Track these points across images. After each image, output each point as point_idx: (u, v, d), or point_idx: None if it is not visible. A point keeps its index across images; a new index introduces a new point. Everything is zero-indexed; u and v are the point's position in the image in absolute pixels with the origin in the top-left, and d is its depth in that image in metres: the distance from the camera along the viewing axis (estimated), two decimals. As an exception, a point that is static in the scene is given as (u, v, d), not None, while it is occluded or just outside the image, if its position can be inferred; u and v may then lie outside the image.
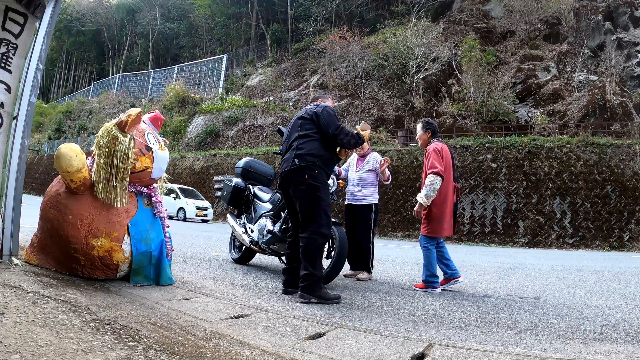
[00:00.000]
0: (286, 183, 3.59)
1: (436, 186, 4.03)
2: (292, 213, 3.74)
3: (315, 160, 3.49)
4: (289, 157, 3.57)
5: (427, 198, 4.06)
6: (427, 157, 4.19)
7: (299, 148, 3.55)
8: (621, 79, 16.93)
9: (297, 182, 3.48)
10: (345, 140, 3.61)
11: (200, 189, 20.38)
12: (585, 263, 7.65)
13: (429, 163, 4.13)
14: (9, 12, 2.93)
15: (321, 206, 3.44)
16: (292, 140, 3.65)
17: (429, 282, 4.15)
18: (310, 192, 3.46)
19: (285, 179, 3.59)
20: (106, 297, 2.70)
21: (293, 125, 3.75)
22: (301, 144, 3.56)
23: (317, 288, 3.31)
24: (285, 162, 3.61)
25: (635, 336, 2.58)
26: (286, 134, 3.80)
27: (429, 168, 4.11)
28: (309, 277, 3.33)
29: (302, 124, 3.67)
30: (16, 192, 2.97)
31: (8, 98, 2.98)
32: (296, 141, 3.59)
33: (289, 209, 3.77)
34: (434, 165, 4.09)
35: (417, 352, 2.12)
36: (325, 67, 25.44)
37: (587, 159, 13.06)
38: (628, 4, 19.13)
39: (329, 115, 3.63)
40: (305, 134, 3.59)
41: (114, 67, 49.69)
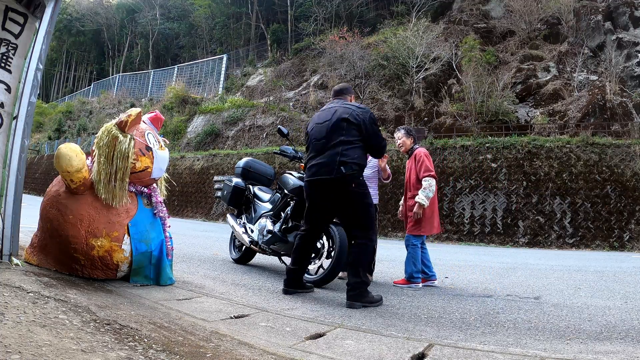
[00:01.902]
0: (326, 191, 3.38)
1: (433, 188, 4.35)
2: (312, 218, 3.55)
3: (359, 169, 3.42)
4: (330, 163, 3.34)
5: (427, 199, 4.31)
6: (419, 161, 4.45)
7: (344, 155, 3.34)
8: (621, 79, 16.92)
9: (344, 192, 3.34)
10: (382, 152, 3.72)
11: (200, 189, 20.37)
12: (585, 263, 7.65)
13: (422, 167, 4.40)
14: (9, 12, 2.93)
15: (371, 213, 3.46)
16: (334, 143, 3.38)
17: (413, 277, 4.35)
18: (361, 200, 3.40)
19: (325, 186, 3.37)
20: (106, 297, 2.69)
21: (334, 127, 3.42)
22: (346, 150, 3.36)
23: (367, 294, 3.28)
24: (324, 167, 3.36)
25: (635, 336, 2.58)
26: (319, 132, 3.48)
27: (424, 171, 4.38)
28: (361, 285, 3.25)
29: (347, 128, 3.41)
30: (16, 192, 2.98)
31: (8, 98, 2.98)
32: (340, 146, 3.36)
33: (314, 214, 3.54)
34: (428, 168, 4.40)
35: (417, 352, 2.12)
36: (325, 67, 25.42)
37: (587, 159, 13.06)
38: (628, 4, 19.12)
39: (376, 124, 3.53)
40: (350, 140, 3.38)
41: (114, 67, 49.66)
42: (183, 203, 20.63)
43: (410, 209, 4.44)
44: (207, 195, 19.70)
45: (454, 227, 13.51)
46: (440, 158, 14.64)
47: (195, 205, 20.21)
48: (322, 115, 3.61)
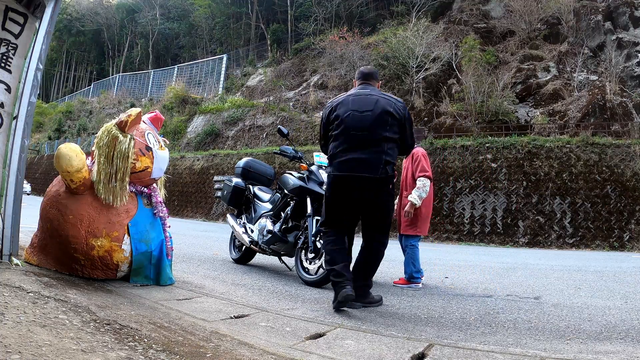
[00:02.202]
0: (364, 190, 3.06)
1: (427, 188, 4.35)
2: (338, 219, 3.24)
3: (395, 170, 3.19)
4: (374, 160, 3.03)
5: (420, 199, 4.32)
6: (416, 161, 4.44)
7: (388, 153, 3.08)
8: (621, 79, 16.92)
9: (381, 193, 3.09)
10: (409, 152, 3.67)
11: (200, 189, 20.38)
12: (585, 263, 7.65)
13: (419, 166, 4.41)
14: (9, 12, 2.93)
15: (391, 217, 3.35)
16: (379, 138, 3.06)
17: (413, 277, 4.36)
18: (390, 202, 3.26)
19: (365, 185, 3.04)
20: (106, 297, 2.69)
21: (379, 120, 3.07)
22: (390, 148, 3.10)
23: (368, 294, 3.24)
24: (366, 164, 3.03)
25: (635, 336, 2.58)
26: (360, 122, 3.06)
27: (420, 171, 4.39)
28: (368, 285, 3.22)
29: (390, 123, 3.10)
30: (16, 192, 2.98)
31: (8, 98, 2.98)
32: (385, 143, 3.07)
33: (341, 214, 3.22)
34: (424, 169, 4.40)
35: (417, 352, 2.12)
36: (325, 67, 25.42)
37: (587, 159, 13.06)
38: (628, 4, 19.12)
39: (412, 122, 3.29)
40: (393, 137, 3.11)
41: (114, 67, 49.67)
42: (183, 203, 20.64)
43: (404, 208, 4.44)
44: (207, 195, 19.70)
45: (454, 227, 13.51)
46: (440, 158, 14.64)
47: (195, 205, 20.22)
48: (358, 102, 3.14)
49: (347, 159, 3.06)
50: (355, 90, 3.30)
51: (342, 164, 3.09)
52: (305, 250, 4.25)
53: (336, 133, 3.13)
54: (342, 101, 3.20)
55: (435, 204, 13.52)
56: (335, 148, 3.14)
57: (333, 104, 3.26)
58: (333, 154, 3.16)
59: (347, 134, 3.09)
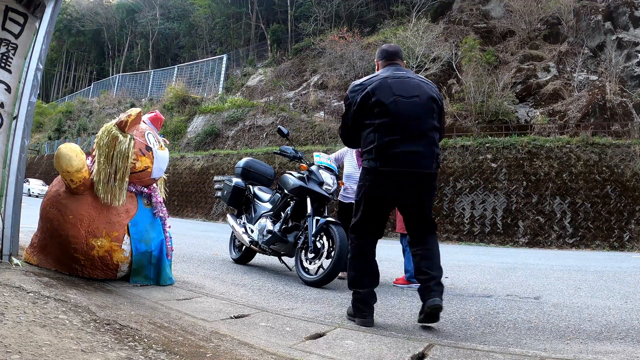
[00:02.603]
0: (417, 187, 2.69)
1: None
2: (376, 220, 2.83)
3: None
4: (428, 153, 2.67)
5: None
6: None
7: (437, 145, 2.77)
8: (621, 79, 16.93)
9: (433, 188, 2.79)
10: None
11: (200, 189, 20.38)
12: (585, 263, 7.65)
13: None
14: (9, 12, 2.94)
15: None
16: (429, 128, 2.71)
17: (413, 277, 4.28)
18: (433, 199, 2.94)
19: (419, 181, 2.68)
20: (106, 297, 2.69)
21: (427, 107, 2.73)
22: (438, 139, 2.79)
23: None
24: (422, 158, 2.65)
25: (635, 336, 2.58)
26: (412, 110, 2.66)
27: None
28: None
29: (436, 110, 2.78)
30: (16, 192, 2.98)
31: (8, 98, 2.98)
32: (434, 134, 2.74)
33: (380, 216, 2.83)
34: None
35: (417, 352, 2.12)
36: (325, 67, 25.44)
37: (587, 159, 13.06)
38: (628, 4, 19.12)
39: None
40: (438, 127, 2.78)
41: (114, 67, 49.70)
42: (183, 203, 20.64)
43: None
44: (207, 195, 19.70)
45: (454, 227, 13.51)
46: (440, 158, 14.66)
47: (195, 205, 20.22)
48: (401, 86, 2.72)
49: (400, 152, 2.61)
50: (388, 71, 2.81)
51: (394, 158, 2.62)
52: (305, 250, 4.25)
53: (381, 122, 2.64)
54: (380, 85, 2.70)
55: (435, 204, 13.52)
56: (382, 139, 2.63)
57: (367, 87, 2.72)
58: (379, 145, 2.63)
59: (396, 124, 2.63)
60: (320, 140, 19.86)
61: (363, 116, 2.75)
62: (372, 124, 2.69)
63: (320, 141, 19.64)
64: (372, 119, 2.69)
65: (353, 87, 2.82)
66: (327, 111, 22.41)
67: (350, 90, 2.82)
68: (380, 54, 3.05)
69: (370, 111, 2.70)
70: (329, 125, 20.59)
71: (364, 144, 2.77)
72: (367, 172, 2.76)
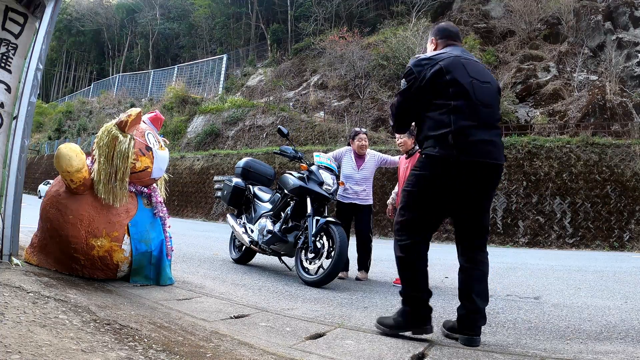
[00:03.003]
0: (489, 180, 2.40)
1: None
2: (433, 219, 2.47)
3: None
4: (500, 144, 2.41)
5: None
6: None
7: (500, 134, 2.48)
8: (621, 79, 16.93)
9: (498, 183, 2.50)
10: None
11: (200, 189, 20.37)
12: (585, 263, 7.65)
13: None
14: (9, 12, 2.94)
15: None
16: (497, 118, 2.47)
17: None
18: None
19: (491, 175, 2.39)
20: (106, 297, 2.69)
21: (496, 94, 2.50)
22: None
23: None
24: (497, 148, 2.38)
25: (635, 336, 2.58)
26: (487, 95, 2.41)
27: None
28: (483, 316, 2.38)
29: (499, 101, 2.55)
30: (16, 192, 2.98)
31: (8, 98, 2.98)
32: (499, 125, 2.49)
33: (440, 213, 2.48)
34: None
35: (417, 352, 2.12)
36: (325, 67, 25.44)
37: (587, 159, 13.06)
38: (628, 4, 19.12)
39: None
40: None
41: (114, 67, 49.71)
42: (183, 203, 20.64)
43: None
44: (207, 195, 19.70)
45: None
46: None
47: (195, 205, 20.22)
48: (474, 68, 2.44)
49: (477, 141, 2.31)
50: (456, 50, 2.50)
51: (473, 147, 2.30)
52: (305, 250, 4.25)
53: (457, 104, 2.32)
54: (453, 62, 2.38)
55: (435, 204, 13.52)
56: (459, 123, 2.29)
57: (438, 63, 2.37)
58: (457, 131, 2.28)
59: (474, 107, 2.34)
60: (320, 140, 19.86)
61: (432, 95, 2.37)
62: (446, 105, 2.33)
63: (320, 141, 19.64)
64: (446, 100, 2.33)
65: (418, 60, 2.43)
66: (327, 111, 22.41)
67: (415, 64, 2.42)
68: (440, 32, 2.68)
69: (443, 90, 2.35)
70: (329, 125, 20.59)
71: (431, 127, 2.37)
72: (434, 161, 2.34)
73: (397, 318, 2.40)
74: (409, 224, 2.43)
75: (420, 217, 2.41)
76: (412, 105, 2.48)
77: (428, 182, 2.37)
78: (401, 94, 2.51)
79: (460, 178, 2.31)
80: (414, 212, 2.42)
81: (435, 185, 2.35)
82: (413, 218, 2.42)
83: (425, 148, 2.40)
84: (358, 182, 4.86)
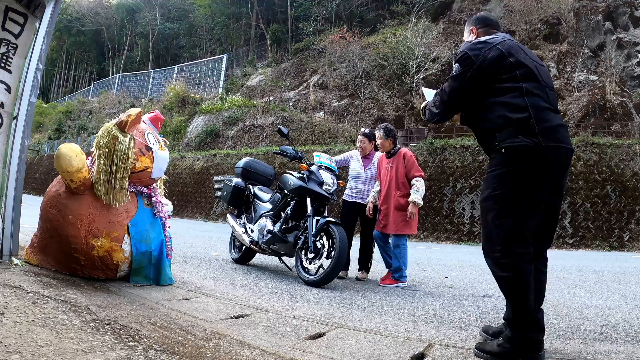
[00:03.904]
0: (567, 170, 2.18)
1: (424, 188, 4.47)
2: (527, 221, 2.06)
3: None
4: (565, 124, 2.20)
5: (421, 199, 4.39)
6: (409, 161, 4.52)
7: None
8: (621, 79, 16.93)
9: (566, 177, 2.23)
10: None
11: (200, 189, 20.36)
12: (585, 263, 7.65)
13: (413, 166, 4.49)
14: (9, 12, 2.94)
15: None
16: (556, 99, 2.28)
17: (402, 276, 4.41)
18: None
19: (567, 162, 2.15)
20: (106, 297, 2.69)
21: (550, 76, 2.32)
22: None
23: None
24: (566, 131, 2.17)
25: (635, 336, 2.58)
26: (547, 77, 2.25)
27: (416, 171, 4.47)
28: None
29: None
30: (16, 192, 2.98)
31: (8, 98, 2.98)
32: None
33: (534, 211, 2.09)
34: (419, 169, 4.50)
35: (417, 352, 2.12)
36: (325, 67, 25.43)
37: (587, 159, 13.06)
38: (628, 4, 19.12)
39: None
40: None
41: (114, 67, 49.69)
42: (183, 203, 20.63)
43: (398, 208, 4.40)
44: (207, 195, 19.69)
45: (454, 227, 13.50)
46: (440, 158, 14.64)
47: (195, 205, 20.21)
48: (528, 51, 2.30)
49: (554, 125, 2.09)
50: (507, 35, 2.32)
51: (555, 131, 2.07)
52: (305, 250, 4.25)
53: (529, 86, 2.11)
54: (511, 45, 2.21)
55: (435, 204, 13.53)
56: (537, 105, 2.08)
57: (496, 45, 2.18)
58: (537, 114, 2.05)
59: (543, 89, 2.15)
60: (320, 140, 19.86)
61: (496, 79, 2.15)
62: (517, 87, 2.10)
63: (320, 141, 19.64)
64: (515, 82, 2.11)
65: (473, 44, 2.24)
66: (327, 111, 22.41)
67: (470, 48, 2.22)
68: (481, 20, 2.56)
69: (509, 73, 2.14)
70: (329, 125, 20.59)
71: (505, 113, 2.09)
72: (520, 152, 2.03)
73: (504, 344, 2.03)
74: (509, 234, 2.04)
75: (519, 221, 2.04)
76: (468, 91, 2.23)
77: (519, 177, 2.04)
78: (455, 79, 2.26)
79: (549, 169, 2.05)
80: (511, 217, 2.04)
81: (528, 179, 2.04)
82: (513, 225, 2.04)
83: (503, 141, 2.08)
84: (364, 181, 4.93)
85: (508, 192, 2.06)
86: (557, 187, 2.18)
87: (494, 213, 2.10)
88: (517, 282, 2.01)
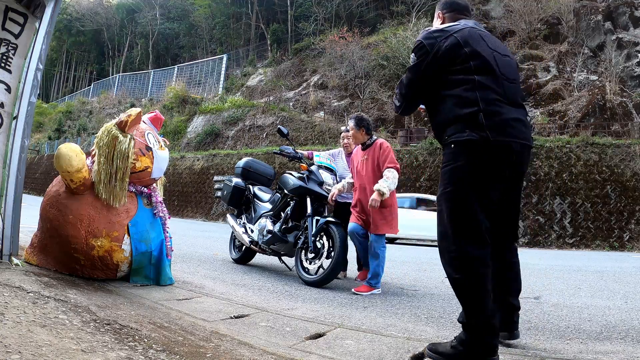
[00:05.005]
0: (523, 164, 2.12)
1: (397, 181, 3.90)
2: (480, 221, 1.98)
3: None
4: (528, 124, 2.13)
5: (389, 190, 3.82)
6: (385, 151, 4.00)
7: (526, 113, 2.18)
8: (621, 79, 16.93)
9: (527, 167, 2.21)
10: None
11: (200, 189, 20.37)
12: (585, 263, 7.65)
13: (388, 157, 3.97)
14: (9, 12, 2.94)
15: None
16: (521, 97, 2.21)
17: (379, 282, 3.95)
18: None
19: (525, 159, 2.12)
20: (106, 297, 2.69)
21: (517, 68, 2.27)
22: None
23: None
24: (526, 127, 2.09)
25: (635, 336, 2.58)
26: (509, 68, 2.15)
27: (389, 162, 3.94)
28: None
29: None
30: (16, 192, 2.98)
31: (8, 98, 2.98)
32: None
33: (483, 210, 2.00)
34: (394, 160, 3.97)
35: (417, 352, 2.12)
36: (325, 67, 25.44)
37: (587, 159, 13.06)
38: (628, 4, 19.12)
39: None
40: None
41: (114, 67, 49.70)
42: (183, 203, 20.63)
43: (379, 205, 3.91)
44: (207, 195, 19.69)
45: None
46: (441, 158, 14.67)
47: (195, 205, 20.21)
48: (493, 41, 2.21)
49: (509, 119, 2.01)
50: (470, 22, 2.25)
51: (507, 126, 1.99)
52: (305, 250, 4.25)
53: (482, 79, 2.02)
54: (470, 34, 2.12)
55: (435, 204, 13.52)
56: (487, 99, 2.00)
57: (453, 34, 2.10)
58: (487, 108, 1.98)
59: (498, 82, 2.06)
60: (320, 140, 19.86)
61: (449, 70, 2.07)
62: (469, 80, 2.02)
63: (320, 141, 19.64)
64: (468, 74, 2.03)
65: (429, 33, 2.15)
66: (327, 111, 22.41)
67: (426, 37, 2.13)
68: (447, 4, 2.43)
69: (463, 64, 2.05)
70: (328, 125, 20.60)
71: (454, 107, 2.04)
72: (466, 147, 1.98)
73: (457, 347, 1.95)
74: (467, 234, 1.96)
75: (472, 220, 1.97)
76: (423, 83, 2.16)
77: (467, 173, 1.99)
78: (410, 70, 2.19)
79: (499, 165, 1.99)
80: (463, 215, 1.98)
81: (476, 175, 1.98)
82: (466, 224, 1.97)
83: (451, 135, 2.03)
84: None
85: (458, 189, 2.01)
86: (514, 183, 2.14)
87: (447, 211, 2.03)
88: (471, 286, 1.94)
